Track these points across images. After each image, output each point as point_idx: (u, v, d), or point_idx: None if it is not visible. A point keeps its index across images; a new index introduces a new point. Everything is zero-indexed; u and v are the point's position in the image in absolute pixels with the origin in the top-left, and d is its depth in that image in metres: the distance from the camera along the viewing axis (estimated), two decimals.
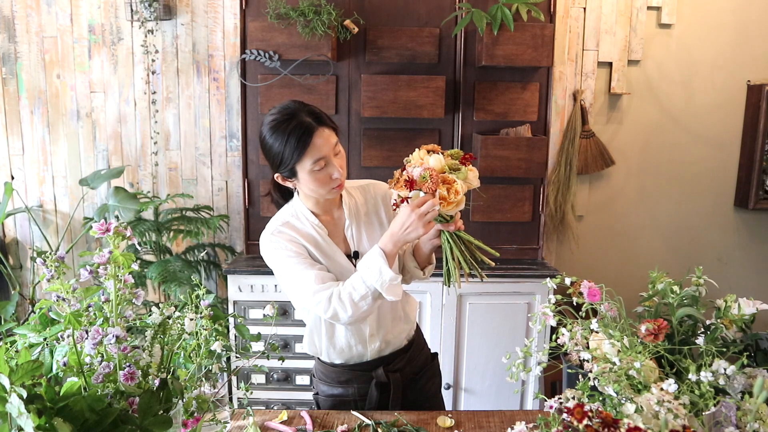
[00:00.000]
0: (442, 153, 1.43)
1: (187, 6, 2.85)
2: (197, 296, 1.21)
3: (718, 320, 1.16)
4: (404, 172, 1.40)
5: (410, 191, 1.36)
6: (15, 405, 0.78)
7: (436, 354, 1.79)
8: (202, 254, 2.93)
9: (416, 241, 1.52)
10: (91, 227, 1.02)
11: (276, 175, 1.49)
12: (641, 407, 0.93)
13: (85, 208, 3.03)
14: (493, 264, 1.46)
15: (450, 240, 1.43)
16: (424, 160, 1.41)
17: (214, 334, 1.20)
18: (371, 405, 1.60)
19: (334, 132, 1.46)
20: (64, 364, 0.94)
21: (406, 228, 1.38)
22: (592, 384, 1.04)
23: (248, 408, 1.46)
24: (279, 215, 1.56)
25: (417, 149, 1.45)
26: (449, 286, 1.46)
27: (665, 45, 2.94)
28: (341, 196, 1.59)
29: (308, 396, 2.66)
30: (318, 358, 1.67)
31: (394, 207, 1.41)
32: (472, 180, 1.44)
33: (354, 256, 1.56)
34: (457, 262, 1.43)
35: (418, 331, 1.75)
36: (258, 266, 2.61)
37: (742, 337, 1.18)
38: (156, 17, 2.78)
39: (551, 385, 2.74)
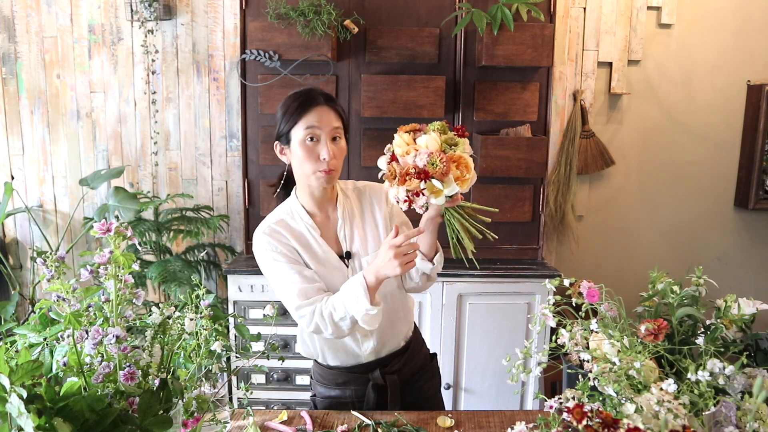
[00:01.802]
0: (425, 132, 1.38)
1: (187, 6, 2.85)
2: (197, 296, 1.21)
3: (718, 320, 1.16)
4: (396, 163, 1.35)
5: (423, 182, 1.29)
6: (15, 405, 0.78)
7: (435, 354, 1.79)
8: (202, 254, 2.93)
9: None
10: (91, 227, 1.02)
11: (275, 143, 1.54)
12: (641, 407, 0.93)
13: (85, 208, 3.03)
14: (489, 220, 1.45)
15: (454, 213, 1.41)
16: (413, 144, 1.35)
17: (214, 334, 1.20)
18: (369, 407, 1.59)
19: (340, 120, 1.49)
20: (64, 364, 0.94)
21: (384, 264, 1.37)
22: (592, 384, 1.04)
23: (248, 408, 1.46)
24: (275, 212, 1.58)
25: (396, 134, 1.40)
26: (466, 259, 1.41)
27: (665, 45, 2.94)
28: (337, 196, 1.59)
29: (308, 396, 2.66)
30: (315, 360, 1.68)
31: (408, 204, 1.33)
32: (468, 149, 1.40)
33: (346, 257, 1.56)
34: (465, 230, 1.41)
35: (416, 331, 1.74)
36: (258, 266, 2.61)
37: (742, 337, 1.18)
38: (156, 17, 2.78)
39: (551, 385, 2.74)
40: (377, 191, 1.64)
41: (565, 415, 0.85)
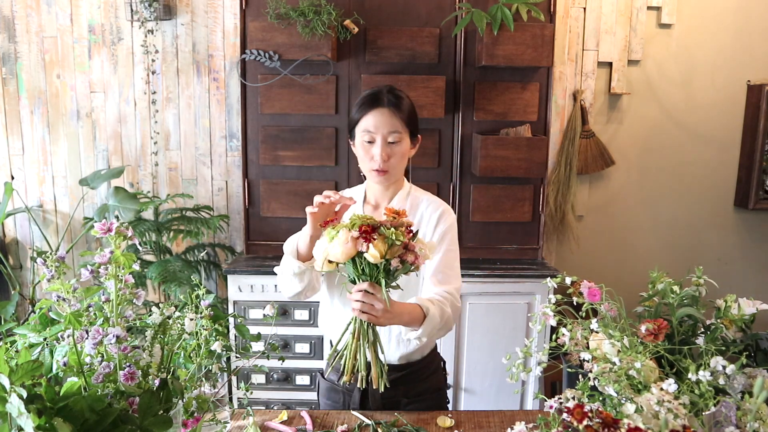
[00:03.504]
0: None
1: (187, 6, 2.85)
2: (197, 296, 1.21)
3: (718, 320, 1.17)
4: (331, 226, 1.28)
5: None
6: (15, 405, 0.78)
7: (444, 393, 1.71)
8: (202, 254, 2.93)
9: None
10: (92, 227, 1.02)
11: (348, 136, 1.61)
12: (641, 407, 0.93)
13: (85, 208, 3.03)
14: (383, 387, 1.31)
15: (359, 324, 1.30)
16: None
17: (214, 334, 1.20)
18: (354, 405, 1.58)
19: (403, 122, 1.53)
20: (64, 364, 0.94)
21: None
22: (592, 384, 1.04)
23: (248, 408, 1.46)
24: (349, 189, 1.71)
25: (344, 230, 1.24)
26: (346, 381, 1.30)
27: (665, 45, 2.94)
28: (396, 195, 1.61)
29: (308, 396, 2.66)
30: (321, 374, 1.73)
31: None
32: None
33: None
34: (354, 355, 1.29)
35: (427, 364, 1.63)
36: (258, 266, 2.62)
37: (742, 337, 1.18)
38: (156, 17, 2.78)
39: (551, 385, 2.75)
40: (433, 211, 1.59)
41: (565, 415, 0.85)
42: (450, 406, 2.63)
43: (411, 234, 1.25)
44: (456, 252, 1.58)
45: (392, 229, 1.21)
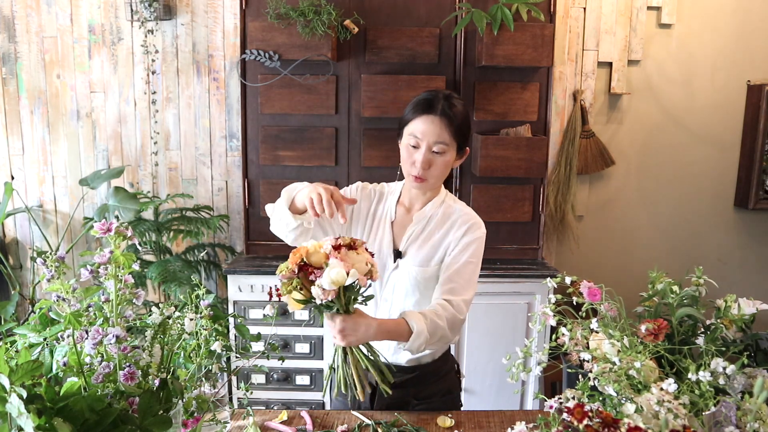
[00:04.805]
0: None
1: (187, 6, 2.85)
2: (197, 296, 1.21)
3: (718, 320, 1.17)
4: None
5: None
6: (15, 405, 0.78)
7: (457, 396, 1.69)
8: (202, 254, 2.93)
9: None
10: (92, 227, 1.02)
11: (397, 133, 1.59)
12: (641, 407, 0.93)
13: (85, 208, 3.03)
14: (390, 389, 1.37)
15: (356, 351, 1.35)
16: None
17: (214, 334, 1.20)
18: (366, 405, 1.58)
19: (452, 133, 1.48)
20: (64, 364, 0.94)
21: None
22: (592, 384, 1.04)
23: (248, 408, 1.46)
24: (389, 183, 1.68)
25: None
26: (348, 396, 1.35)
27: (665, 45, 2.94)
28: (429, 202, 1.59)
29: (308, 396, 2.66)
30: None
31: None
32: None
33: (396, 255, 1.56)
34: (355, 370, 1.34)
35: (438, 366, 1.63)
36: (258, 266, 2.61)
37: (742, 337, 1.18)
38: (156, 17, 2.78)
39: (551, 385, 2.75)
40: (462, 223, 1.58)
41: (565, 415, 0.85)
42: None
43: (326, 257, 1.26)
44: (475, 265, 1.55)
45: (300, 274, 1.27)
